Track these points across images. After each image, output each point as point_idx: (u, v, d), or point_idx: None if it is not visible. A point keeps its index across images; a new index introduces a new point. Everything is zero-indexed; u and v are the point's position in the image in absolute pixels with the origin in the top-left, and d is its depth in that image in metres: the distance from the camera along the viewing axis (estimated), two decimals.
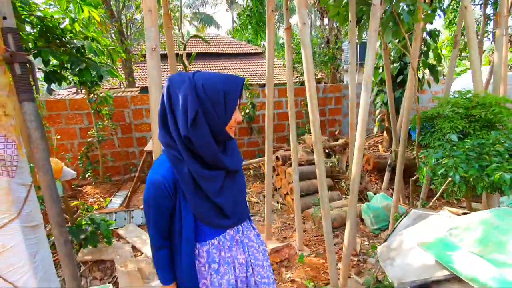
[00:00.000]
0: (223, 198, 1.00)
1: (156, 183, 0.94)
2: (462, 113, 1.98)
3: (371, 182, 4.26)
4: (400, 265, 1.39)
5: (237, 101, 0.93)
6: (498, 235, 1.29)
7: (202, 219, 0.99)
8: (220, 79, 0.92)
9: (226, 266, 1.05)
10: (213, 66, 10.99)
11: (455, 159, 1.47)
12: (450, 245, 1.22)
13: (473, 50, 2.11)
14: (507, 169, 1.34)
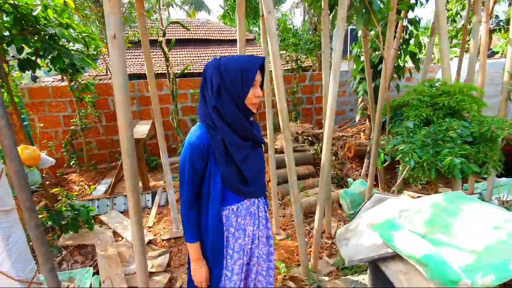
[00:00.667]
0: (248, 165, 1.14)
1: (193, 145, 1.09)
2: (428, 101, 2.04)
3: (352, 169, 4.37)
4: (353, 245, 1.48)
5: (252, 78, 1.06)
6: (445, 217, 1.38)
7: (229, 183, 1.12)
8: (239, 60, 1.08)
9: (241, 231, 1.20)
10: (203, 52, 10.83)
11: (411, 145, 1.54)
12: (395, 225, 1.30)
13: (442, 37, 2.15)
14: (458, 154, 1.41)
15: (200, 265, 1.19)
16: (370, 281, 1.62)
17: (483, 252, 1.13)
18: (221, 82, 1.07)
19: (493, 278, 1.00)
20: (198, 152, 1.10)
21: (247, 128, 1.13)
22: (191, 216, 1.16)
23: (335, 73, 2.04)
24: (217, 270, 1.19)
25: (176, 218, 2.85)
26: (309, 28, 6.30)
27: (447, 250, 1.19)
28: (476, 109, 1.89)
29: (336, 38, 1.97)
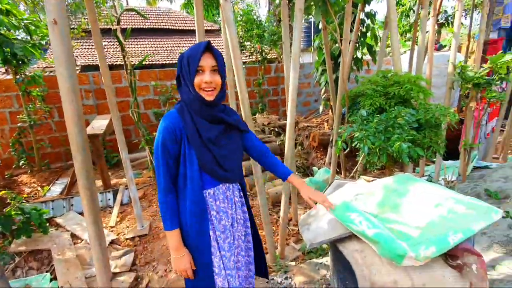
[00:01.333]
0: (219, 149, 1.16)
1: (166, 128, 1.11)
2: (381, 91, 2.16)
3: (317, 158, 4.53)
4: (313, 229, 1.54)
5: (195, 63, 1.07)
6: (394, 198, 1.49)
7: (203, 164, 1.14)
8: (190, 47, 1.11)
9: (222, 213, 1.22)
10: (166, 43, 10.39)
11: (365, 132, 1.63)
12: (351, 207, 1.37)
13: (393, 31, 2.28)
14: (405, 139, 1.52)
15: (181, 253, 1.15)
16: (331, 262, 1.70)
17: (426, 228, 1.23)
18: (180, 71, 1.14)
19: (434, 250, 1.10)
20: (170, 135, 1.11)
21: (211, 113, 1.15)
22: (169, 201, 1.15)
23: (294, 63, 2.07)
24: (206, 257, 1.18)
25: (140, 215, 2.76)
26: (273, 20, 6.31)
27: (396, 227, 1.29)
28: (423, 98, 2.04)
29: (295, 29, 2.00)
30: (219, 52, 1.14)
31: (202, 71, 1.10)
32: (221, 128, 1.18)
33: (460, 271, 1.22)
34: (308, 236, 1.51)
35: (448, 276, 1.21)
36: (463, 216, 1.28)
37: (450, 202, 1.38)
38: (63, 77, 1.28)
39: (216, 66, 1.12)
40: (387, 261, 1.24)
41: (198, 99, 1.11)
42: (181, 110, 1.15)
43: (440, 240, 1.14)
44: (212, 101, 1.13)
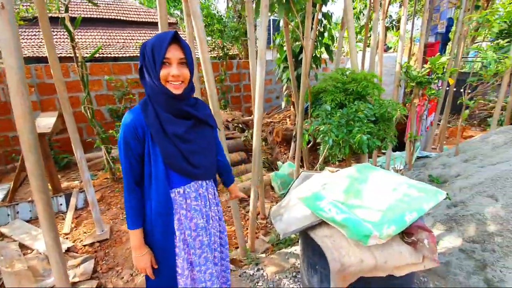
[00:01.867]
0: (186, 144, 1.10)
1: (127, 125, 1.05)
2: (340, 87, 2.31)
3: (281, 153, 4.67)
4: (285, 219, 1.61)
5: (161, 55, 1.00)
6: (357, 185, 1.61)
7: (170, 162, 1.08)
8: (155, 37, 1.03)
9: (193, 212, 1.18)
10: (119, 35, 9.71)
11: (329, 125, 1.74)
12: (319, 196, 1.47)
13: (350, 31, 2.44)
14: (365, 131, 1.66)
15: (142, 252, 1.13)
16: (301, 250, 1.79)
17: (386, 210, 1.36)
18: (143, 62, 1.06)
19: (394, 228, 1.23)
20: (131, 133, 1.05)
21: (178, 107, 1.09)
22: (132, 200, 1.10)
23: (261, 60, 2.11)
24: (170, 257, 1.15)
25: (100, 219, 2.57)
26: (233, 16, 6.29)
27: (361, 211, 1.41)
28: (377, 94, 2.23)
29: (261, 25, 2.03)
30: (186, 44, 1.07)
31: (168, 63, 1.03)
32: (190, 123, 1.13)
33: (415, 247, 1.37)
34: (281, 226, 1.57)
35: (405, 251, 1.36)
36: (415, 198, 1.44)
37: (404, 187, 1.54)
38: (13, 68, 1.14)
39: (184, 59, 1.05)
40: (353, 243, 1.35)
41: (163, 93, 1.04)
42: (144, 105, 1.08)
43: (398, 220, 1.28)
44: (180, 94, 1.06)
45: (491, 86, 3.28)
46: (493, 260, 1.86)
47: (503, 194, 2.16)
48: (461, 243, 2.07)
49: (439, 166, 3.30)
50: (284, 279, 2.01)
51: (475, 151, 3.08)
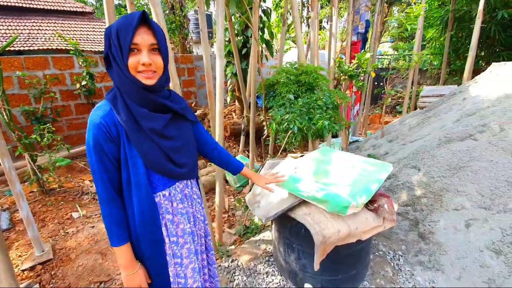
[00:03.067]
0: (167, 141, 0.99)
1: (95, 125, 0.90)
2: (294, 79, 2.47)
3: (230, 147, 4.70)
4: (264, 205, 1.68)
5: (127, 40, 0.87)
6: (324, 166, 1.78)
7: (151, 163, 0.96)
8: (120, 19, 0.89)
9: (180, 216, 1.08)
10: (22, 25, 8.14)
11: (293, 114, 1.87)
12: (296, 179, 1.58)
13: (297, 28, 2.62)
14: (325, 118, 1.84)
15: (134, 269, 0.99)
16: (276, 233, 1.89)
17: (353, 183, 1.55)
18: (108, 50, 0.91)
19: (365, 198, 1.42)
20: (103, 133, 0.90)
21: (152, 99, 0.95)
22: (114, 213, 0.95)
23: (220, 51, 2.10)
24: (161, 266, 1.04)
25: (38, 238, 2.19)
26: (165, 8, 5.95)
27: (333, 188, 1.56)
28: (326, 85, 2.47)
29: (218, 17, 2.02)
30: (158, 26, 0.93)
31: (137, 50, 0.89)
32: (168, 117, 1.00)
33: (377, 212, 1.60)
34: (261, 213, 1.63)
35: (370, 218, 1.57)
36: (372, 171, 1.67)
37: (360, 163, 1.77)
38: None
39: (156, 44, 0.92)
40: (330, 216, 1.50)
41: (134, 83, 0.91)
42: (113, 99, 0.93)
43: (366, 190, 1.47)
44: (153, 85, 0.93)
45: (404, 78, 3.94)
46: (422, 218, 2.29)
47: (423, 164, 2.66)
48: (397, 208, 2.48)
49: (370, 147, 3.83)
50: (259, 264, 2.08)
51: (396, 133, 3.68)
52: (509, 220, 1.97)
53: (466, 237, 2.03)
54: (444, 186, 2.37)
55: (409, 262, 2.09)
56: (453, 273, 1.90)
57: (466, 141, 2.57)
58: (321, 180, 1.63)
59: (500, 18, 4.90)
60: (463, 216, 2.14)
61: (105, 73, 4.93)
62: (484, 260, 1.88)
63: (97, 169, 0.91)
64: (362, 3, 4.83)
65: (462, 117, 2.92)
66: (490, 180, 2.20)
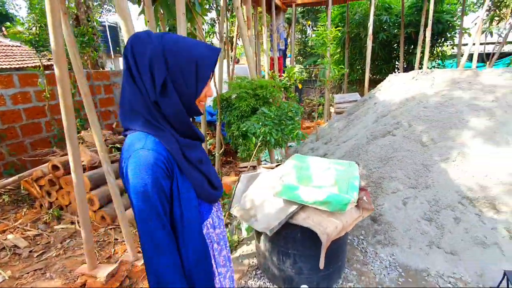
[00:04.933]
0: (205, 166, 0.95)
1: (150, 163, 0.76)
2: (251, 93, 2.58)
3: None
4: (262, 218, 1.70)
5: (209, 73, 0.84)
6: (304, 172, 1.92)
7: (202, 193, 0.91)
8: (190, 45, 0.81)
9: (221, 242, 1.05)
10: None
11: (268, 127, 1.97)
12: (293, 187, 1.66)
13: (246, 46, 2.75)
14: (298, 127, 2.01)
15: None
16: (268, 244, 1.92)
17: (337, 183, 1.74)
18: (167, 74, 0.79)
19: (356, 193, 1.62)
20: (161, 170, 0.78)
21: (192, 127, 0.90)
22: (176, 261, 0.81)
23: None
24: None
25: None
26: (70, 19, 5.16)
27: (327, 189, 1.70)
28: (280, 97, 2.66)
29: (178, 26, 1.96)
30: None
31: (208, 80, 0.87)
32: (199, 143, 0.97)
33: (358, 205, 1.83)
34: (263, 225, 1.65)
35: (353, 210, 1.78)
36: (345, 170, 1.91)
37: (332, 165, 2.00)
38: None
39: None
40: (325, 216, 1.64)
41: (193, 114, 0.87)
42: (157, 130, 0.82)
43: (353, 187, 1.68)
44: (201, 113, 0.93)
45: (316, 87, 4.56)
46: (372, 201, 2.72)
47: (360, 159, 3.16)
48: None
49: (309, 150, 4.26)
50: (249, 280, 2.06)
51: (329, 135, 4.23)
52: (431, 194, 2.56)
53: (406, 213, 2.52)
54: (380, 175, 2.87)
55: (370, 243, 2.44)
56: (405, 244, 2.33)
57: (387, 136, 3.20)
58: (310, 184, 1.77)
59: (380, 39, 6.26)
60: (400, 196, 2.65)
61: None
62: (423, 228, 2.38)
63: (155, 214, 0.77)
64: (280, 23, 5.39)
65: (378, 118, 3.61)
66: (411, 165, 2.80)
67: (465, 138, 2.72)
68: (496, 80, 3.07)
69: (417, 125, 3.08)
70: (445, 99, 3.13)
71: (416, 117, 3.14)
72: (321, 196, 1.56)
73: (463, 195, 2.41)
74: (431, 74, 3.56)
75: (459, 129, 2.81)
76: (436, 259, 2.19)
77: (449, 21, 6.15)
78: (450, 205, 2.42)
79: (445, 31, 6.25)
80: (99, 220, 3.10)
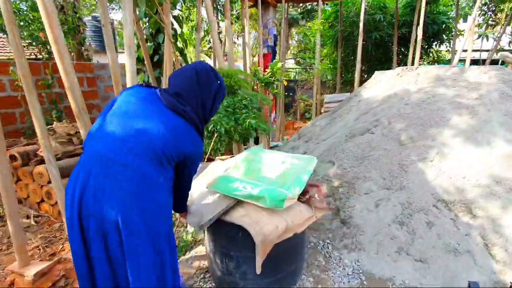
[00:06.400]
0: None
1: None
2: None
3: None
4: (195, 211, 1.51)
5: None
6: (255, 164, 1.75)
7: None
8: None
9: None
10: None
11: (218, 115, 1.79)
12: (228, 179, 1.48)
13: (214, 31, 2.59)
14: (252, 117, 1.83)
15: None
16: (211, 243, 1.73)
17: (284, 176, 1.56)
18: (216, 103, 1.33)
19: (299, 189, 1.43)
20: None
21: None
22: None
23: (130, 48, 1.87)
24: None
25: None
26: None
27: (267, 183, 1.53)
28: (247, 87, 2.49)
29: (124, 10, 1.80)
30: None
31: None
32: None
33: (309, 203, 1.64)
34: (194, 220, 1.47)
35: (303, 209, 1.60)
36: (300, 165, 1.73)
37: (289, 159, 1.81)
38: None
39: None
40: (266, 213, 1.45)
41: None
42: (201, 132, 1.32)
43: (298, 181, 1.50)
44: None
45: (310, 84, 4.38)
46: (342, 205, 2.52)
47: (336, 158, 2.97)
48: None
49: (290, 149, 4.07)
50: (194, 284, 1.87)
51: (310, 134, 4.04)
52: (405, 196, 2.35)
53: (377, 215, 2.32)
54: (355, 175, 2.67)
55: (336, 247, 2.24)
56: (372, 249, 2.13)
57: (366, 135, 3.00)
58: (253, 179, 1.59)
59: (374, 38, 6.07)
60: (372, 198, 2.45)
61: None
62: (393, 232, 2.17)
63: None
64: (269, 18, 5.23)
65: (360, 115, 3.41)
66: (387, 165, 2.60)
67: (445, 137, 2.52)
68: (481, 78, 2.87)
69: (397, 122, 2.88)
70: (428, 96, 2.93)
71: (396, 115, 2.95)
72: (255, 190, 1.38)
73: (438, 197, 2.21)
74: (416, 70, 3.36)
75: (440, 127, 2.61)
76: (404, 267, 1.99)
77: (445, 22, 5.95)
78: (424, 208, 2.21)
79: (441, 33, 6.04)
80: (56, 215, 2.93)
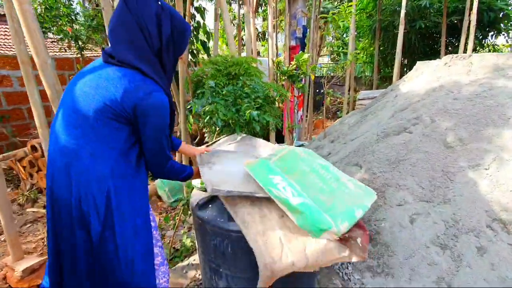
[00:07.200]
0: None
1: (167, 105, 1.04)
2: (223, 71, 2.16)
3: None
4: (218, 171, 1.25)
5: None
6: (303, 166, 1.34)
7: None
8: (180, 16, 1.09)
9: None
10: None
11: (216, 104, 1.54)
12: (272, 169, 1.19)
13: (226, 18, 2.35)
14: (254, 108, 1.55)
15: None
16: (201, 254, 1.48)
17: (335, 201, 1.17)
18: (170, 32, 1.02)
19: (347, 225, 1.07)
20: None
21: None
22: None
23: None
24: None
25: None
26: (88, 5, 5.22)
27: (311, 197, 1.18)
28: (260, 77, 2.20)
29: None
30: None
31: None
32: None
33: (346, 243, 1.22)
34: (210, 177, 1.19)
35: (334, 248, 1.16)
36: (356, 194, 1.29)
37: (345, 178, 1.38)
38: None
39: None
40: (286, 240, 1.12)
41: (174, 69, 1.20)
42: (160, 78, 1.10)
43: (350, 215, 1.12)
44: None
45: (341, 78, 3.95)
46: (368, 217, 2.12)
47: (364, 161, 2.55)
48: None
49: (314, 149, 3.70)
50: None
51: (337, 132, 3.62)
52: (450, 211, 1.89)
53: (411, 233, 1.89)
54: (385, 182, 2.25)
55: (357, 269, 1.86)
56: (403, 276, 1.72)
57: (402, 134, 2.54)
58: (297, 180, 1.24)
59: (418, 27, 5.38)
60: (407, 211, 2.02)
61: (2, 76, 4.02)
62: (432, 257, 1.74)
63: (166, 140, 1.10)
64: (298, 8, 4.86)
65: (396, 112, 2.93)
66: (427, 171, 2.14)
67: (505, 140, 1.99)
68: None
69: (442, 120, 2.38)
70: (483, 89, 2.38)
71: (441, 111, 2.44)
72: (296, 200, 1.07)
73: (494, 216, 1.73)
74: (469, 59, 2.78)
75: (499, 127, 2.08)
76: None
77: (503, 9, 5.04)
78: (474, 228, 1.74)
79: (498, 21, 5.14)
80: None
